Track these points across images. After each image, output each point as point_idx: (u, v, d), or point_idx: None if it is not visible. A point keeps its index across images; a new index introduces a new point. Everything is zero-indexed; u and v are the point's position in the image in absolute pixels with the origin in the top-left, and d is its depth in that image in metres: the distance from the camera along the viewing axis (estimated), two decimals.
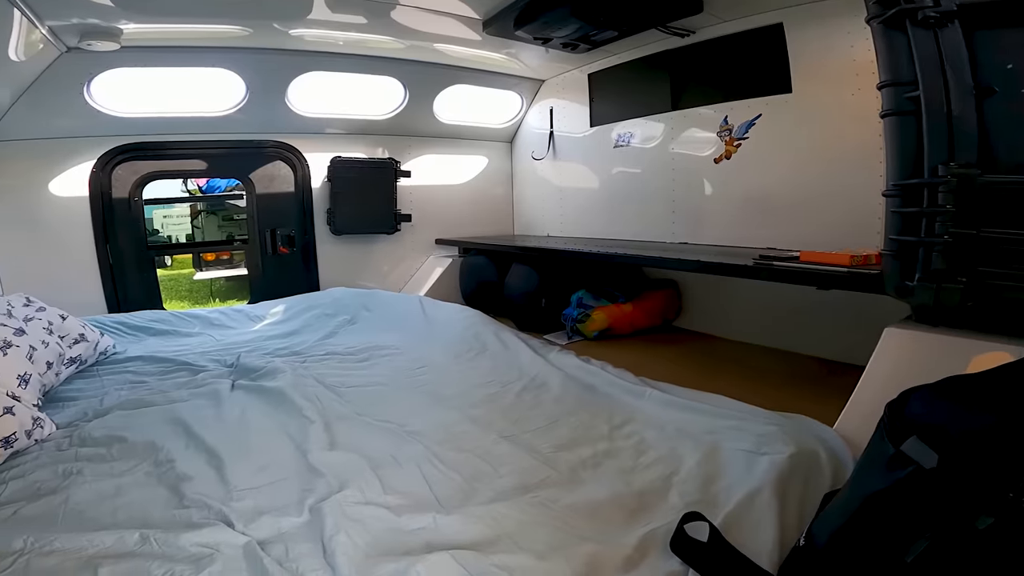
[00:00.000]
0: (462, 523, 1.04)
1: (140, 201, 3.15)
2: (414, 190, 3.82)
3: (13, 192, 2.84)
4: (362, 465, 1.27)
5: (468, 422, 1.54)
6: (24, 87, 2.64)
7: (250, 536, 0.99)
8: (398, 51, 3.17)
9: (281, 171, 3.49)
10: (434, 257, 3.88)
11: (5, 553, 0.93)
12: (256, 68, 3.08)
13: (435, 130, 3.87)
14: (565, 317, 2.83)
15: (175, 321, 2.76)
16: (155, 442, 1.36)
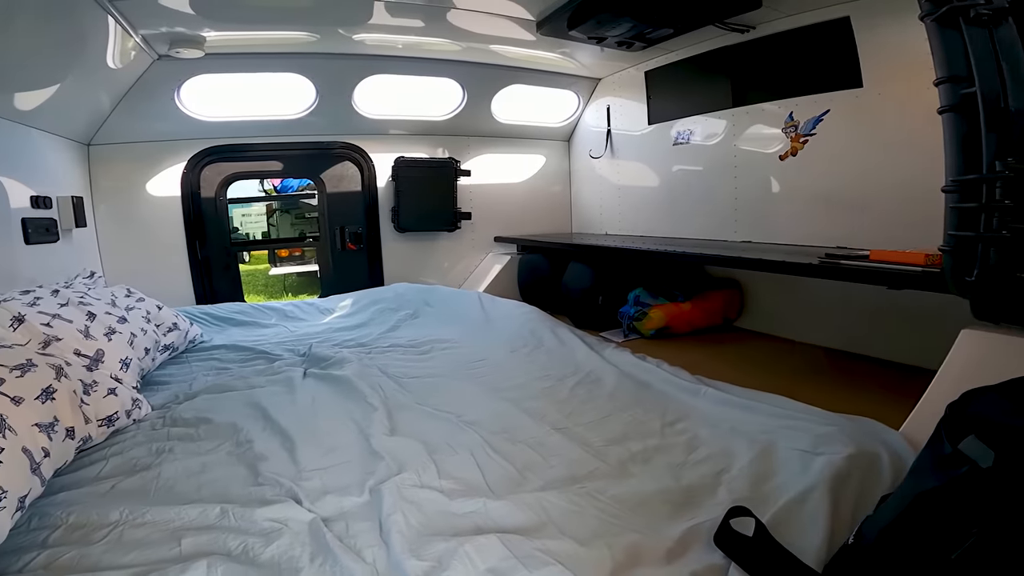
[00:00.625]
0: (510, 509, 1.08)
1: (225, 200, 3.41)
2: (473, 189, 3.91)
3: (116, 192, 3.14)
4: (420, 451, 1.33)
5: (522, 414, 1.58)
6: (122, 94, 2.91)
7: (315, 513, 1.06)
8: (455, 53, 3.27)
9: (349, 171, 3.67)
10: (493, 255, 3.96)
11: (102, 524, 1.02)
12: (324, 72, 3.26)
13: (493, 130, 3.95)
14: (622, 315, 2.82)
15: (254, 313, 2.96)
16: (236, 424, 1.48)
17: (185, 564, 0.89)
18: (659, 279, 2.96)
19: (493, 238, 4.01)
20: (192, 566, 0.88)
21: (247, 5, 2.46)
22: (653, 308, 2.73)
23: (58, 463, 1.15)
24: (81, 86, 2.57)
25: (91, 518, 1.03)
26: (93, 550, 0.94)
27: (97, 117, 2.95)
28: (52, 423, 1.12)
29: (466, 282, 3.93)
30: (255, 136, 3.45)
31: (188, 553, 0.94)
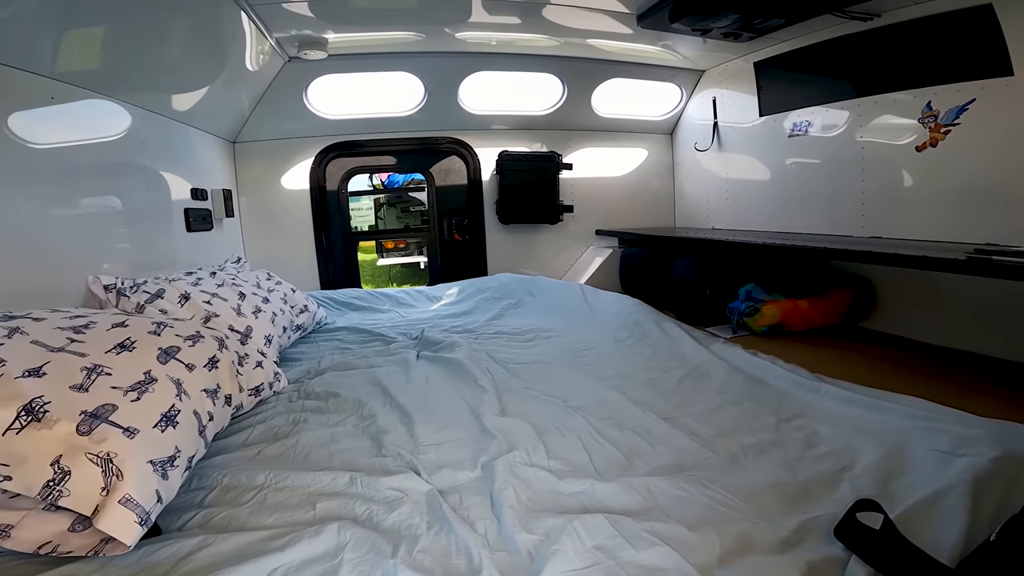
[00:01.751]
0: (617, 491, 1.10)
1: (346, 193, 3.68)
2: (575, 182, 3.91)
3: (255, 186, 3.50)
4: (529, 432, 1.38)
5: (628, 402, 1.58)
6: (259, 95, 3.23)
7: (432, 485, 1.13)
8: (554, 48, 3.30)
9: (456, 165, 3.81)
10: (594, 247, 3.95)
11: (250, 487, 1.12)
12: (431, 70, 3.43)
13: (594, 123, 3.93)
14: (731, 310, 2.70)
15: (370, 299, 3.18)
16: (360, 399, 1.61)
17: (319, 527, 0.95)
18: (773, 274, 2.79)
19: (594, 231, 4.00)
20: (324, 529, 0.94)
21: (360, 7, 2.64)
22: (767, 304, 2.59)
23: (218, 427, 1.29)
24: (226, 88, 2.89)
25: (241, 481, 1.14)
26: (241, 511, 1.03)
27: (240, 117, 3.30)
28: (216, 390, 1.29)
29: (567, 274, 3.95)
30: (372, 133, 3.69)
31: (321, 516, 1.01)
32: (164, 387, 1.08)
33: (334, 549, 0.90)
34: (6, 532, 0.83)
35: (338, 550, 0.90)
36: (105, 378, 1.00)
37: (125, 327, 1.22)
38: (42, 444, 0.83)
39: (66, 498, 0.82)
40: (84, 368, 0.99)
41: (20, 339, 1.02)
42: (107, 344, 1.11)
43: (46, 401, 0.87)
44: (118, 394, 0.98)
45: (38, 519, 0.85)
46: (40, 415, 0.85)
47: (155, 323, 1.31)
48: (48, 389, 0.90)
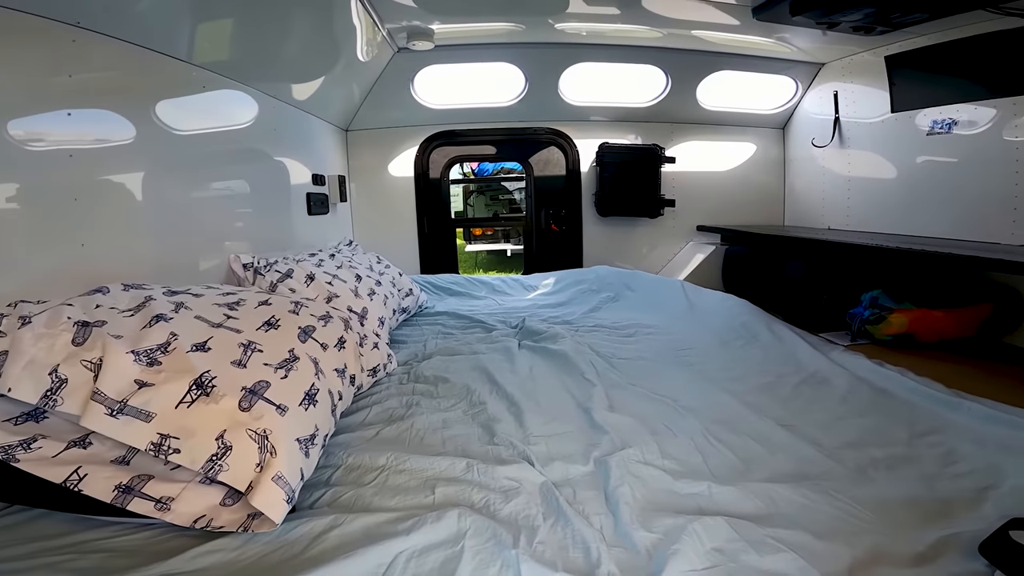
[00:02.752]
0: (736, 495, 1.07)
1: (447, 181, 3.78)
2: (676, 176, 3.80)
3: (365, 172, 3.69)
4: (641, 429, 1.36)
5: (741, 406, 1.53)
6: (370, 85, 3.37)
7: (546, 477, 1.14)
8: (656, 40, 3.21)
9: (554, 156, 3.80)
10: (694, 243, 3.81)
11: (372, 467, 1.15)
12: (532, 61, 3.44)
13: (698, 116, 3.80)
14: (852, 316, 2.50)
15: (467, 285, 3.26)
16: (469, 385, 1.65)
17: (440, 512, 0.96)
18: (903, 281, 2.55)
19: (695, 227, 3.86)
20: (445, 515, 0.95)
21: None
22: (895, 312, 2.37)
23: (344, 407, 1.36)
24: (341, 77, 3.05)
25: (364, 461, 1.18)
26: (365, 491, 1.07)
27: (352, 105, 3.47)
28: (343, 369, 1.37)
29: (663, 269, 3.85)
30: (473, 122, 3.77)
31: (440, 502, 1.03)
32: (305, 366, 1.16)
33: (455, 535, 0.92)
34: (166, 505, 0.88)
35: (459, 537, 0.92)
36: (258, 355, 1.08)
37: (269, 305, 1.32)
38: (209, 418, 0.90)
39: (224, 473, 0.88)
40: (241, 344, 1.09)
41: (185, 313, 1.14)
42: (257, 321, 1.21)
43: (213, 376, 0.95)
44: (269, 371, 1.06)
45: (195, 492, 0.90)
46: (208, 389, 0.93)
47: (293, 302, 1.41)
48: (214, 364, 0.99)
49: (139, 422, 0.86)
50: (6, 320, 0.94)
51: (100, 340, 0.93)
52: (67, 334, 0.94)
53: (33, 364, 0.87)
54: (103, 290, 1.17)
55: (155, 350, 0.97)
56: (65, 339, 0.93)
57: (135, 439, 0.85)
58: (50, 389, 0.86)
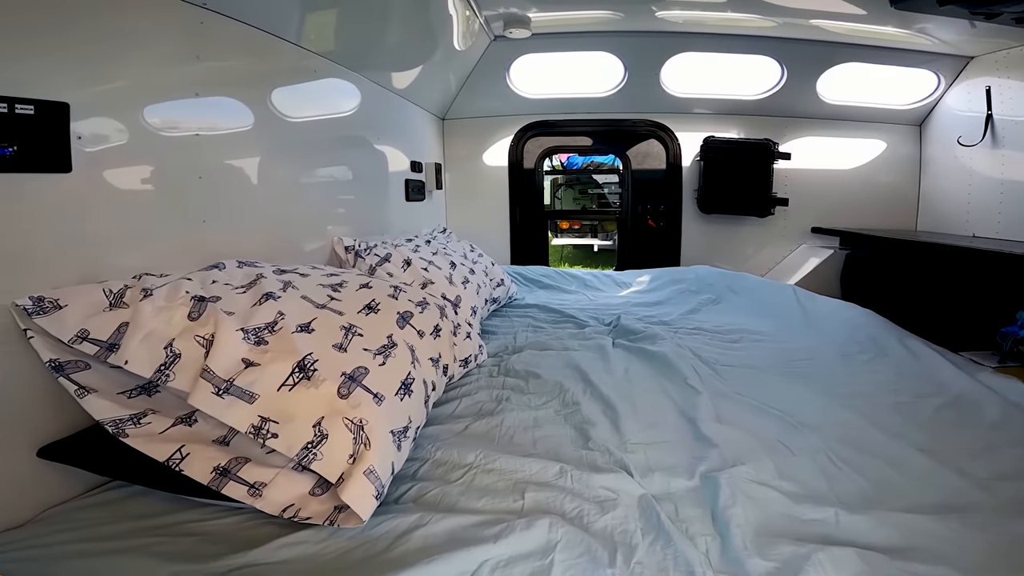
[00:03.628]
0: (868, 524, 0.94)
1: (542, 172, 3.72)
2: (790, 173, 3.49)
3: (460, 161, 3.71)
4: (754, 445, 1.23)
5: (872, 427, 1.36)
6: (467, 73, 3.37)
7: (645, 489, 1.05)
8: (770, 29, 2.95)
9: (654, 149, 3.63)
10: (807, 246, 3.50)
11: (460, 464, 1.10)
12: (632, 50, 3.30)
13: (818, 111, 3.47)
14: (1004, 336, 2.18)
15: (557, 278, 3.18)
16: (561, 383, 1.57)
17: (529, 520, 0.90)
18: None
19: (810, 228, 3.53)
20: (535, 523, 0.89)
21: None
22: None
23: (436, 397, 1.33)
24: (438, 66, 3.05)
25: (452, 456, 1.13)
26: (451, 489, 1.02)
27: (448, 94, 3.49)
28: (438, 359, 1.34)
29: (770, 272, 3.56)
30: (569, 113, 3.66)
31: (530, 508, 0.97)
32: (402, 353, 1.13)
33: (544, 547, 0.85)
34: (259, 491, 0.86)
35: (549, 549, 0.85)
36: (358, 339, 1.07)
37: (370, 288, 1.32)
38: (309, 404, 0.89)
39: (318, 462, 0.85)
40: (342, 327, 1.08)
41: (293, 293, 1.15)
42: (358, 304, 1.21)
43: (315, 359, 0.94)
44: (368, 357, 1.04)
45: (287, 479, 0.88)
46: (310, 373, 0.92)
47: (392, 286, 1.40)
48: (316, 346, 0.98)
49: (242, 403, 0.86)
50: (129, 292, 0.99)
51: (213, 316, 0.95)
52: (184, 308, 0.96)
53: (150, 337, 0.90)
54: (220, 266, 1.22)
55: (263, 329, 0.97)
56: (182, 313, 0.95)
57: (238, 420, 0.85)
58: (164, 363, 0.89)
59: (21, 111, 0.96)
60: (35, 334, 0.90)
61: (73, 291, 0.96)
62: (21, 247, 0.96)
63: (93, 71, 1.12)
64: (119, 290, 0.99)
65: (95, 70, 1.13)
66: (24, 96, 0.96)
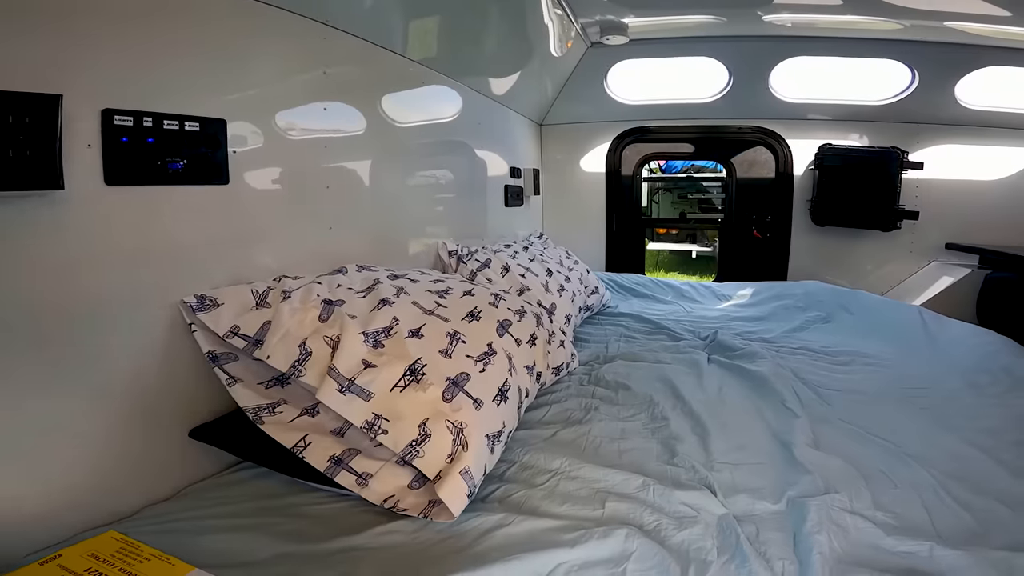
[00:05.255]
0: (965, 561, 0.90)
1: (639, 179, 3.68)
2: (922, 184, 3.19)
3: (557, 165, 3.77)
4: (852, 473, 1.19)
5: (991, 462, 1.27)
6: (563, 80, 3.40)
7: (727, 509, 1.05)
8: (898, 32, 2.74)
9: (762, 156, 3.48)
10: (939, 264, 3.18)
11: (545, 469, 1.15)
12: (737, 55, 3.18)
13: (956, 117, 3.14)
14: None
15: (652, 287, 3.15)
16: (651, 396, 1.58)
17: (607, 529, 0.93)
18: None
19: (943, 244, 3.21)
20: (613, 532, 0.92)
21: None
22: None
23: (528, 403, 1.39)
24: (535, 73, 3.11)
25: (539, 461, 1.18)
26: (535, 493, 1.07)
27: (546, 100, 3.54)
28: (532, 366, 1.41)
29: (892, 291, 3.27)
30: (670, 119, 3.60)
31: (609, 517, 1.00)
32: (500, 360, 1.21)
33: (619, 556, 0.89)
34: (365, 481, 0.97)
35: (623, 558, 0.88)
36: (462, 346, 1.16)
37: (472, 296, 1.41)
38: (417, 405, 0.99)
39: (419, 459, 0.95)
40: (448, 333, 1.17)
41: (404, 299, 1.26)
42: (462, 311, 1.30)
43: (424, 364, 1.05)
44: (470, 363, 1.13)
45: (390, 471, 0.98)
46: (419, 376, 1.02)
47: (492, 294, 1.49)
48: (425, 351, 1.08)
49: (360, 400, 0.98)
50: (272, 293, 1.15)
51: (339, 319, 1.08)
52: (315, 310, 1.10)
53: (288, 336, 1.04)
54: (343, 270, 1.36)
55: (380, 333, 1.09)
56: (314, 315, 1.09)
57: (355, 416, 0.97)
58: (298, 359, 1.02)
59: (190, 128, 1.12)
60: (198, 328, 1.07)
61: (228, 291, 1.13)
62: (186, 250, 1.14)
63: (241, 90, 1.28)
64: (264, 291, 1.15)
65: (243, 90, 1.28)
66: (190, 114, 1.12)
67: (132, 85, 1.02)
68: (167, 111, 1.08)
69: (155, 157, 1.05)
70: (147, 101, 1.04)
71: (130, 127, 1.00)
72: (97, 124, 0.96)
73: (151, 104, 1.05)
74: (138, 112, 1.02)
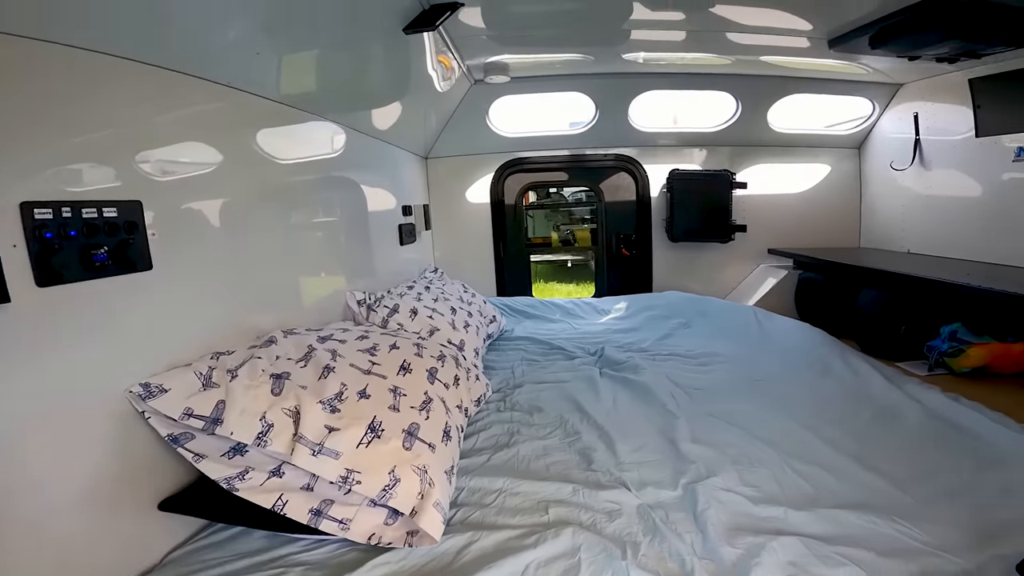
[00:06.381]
0: (808, 519, 1.24)
1: (523, 207, 3.99)
2: (747, 199, 3.85)
3: (444, 198, 3.95)
4: (723, 459, 1.52)
5: (816, 439, 1.66)
6: (448, 116, 3.61)
7: (641, 500, 1.32)
8: (726, 66, 3.30)
9: (624, 181, 3.95)
10: (765, 267, 3.85)
11: (491, 490, 1.35)
12: (601, 90, 3.61)
13: (770, 139, 3.85)
14: (930, 349, 2.52)
15: (542, 308, 3.46)
16: (562, 415, 1.83)
17: (557, 530, 1.17)
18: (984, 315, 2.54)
19: (766, 250, 3.89)
20: (562, 532, 1.15)
21: (537, 35, 2.81)
22: (974, 347, 2.38)
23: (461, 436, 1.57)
24: (421, 110, 3.25)
25: (483, 484, 1.38)
26: (489, 511, 1.26)
27: (430, 135, 3.72)
28: (461, 404, 1.59)
29: (733, 292, 3.91)
30: (547, 149, 3.97)
31: (555, 520, 1.23)
32: (437, 406, 1.38)
33: (571, 549, 1.12)
34: (346, 525, 1.10)
35: (575, 550, 1.12)
36: (404, 398, 1.32)
37: (398, 349, 1.56)
38: (383, 456, 1.14)
39: (394, 499, 1.10)
40: (390, 389, 1.32)
41: (342, 362, 1.38)
42: (394, 366, 1.45)
43: (380, 421, 1.19)
44: (416, 413, 1.29)
45: (366, 513, 1.12)
46: (380, 433, 1.17)
47: (414, 344, 1.64)
48: (377, 410, 1.22)
49: (331, 460, 1.10)
50: (215, 372, 1.21)
51: (292, 391, 1.19)
52: (266, 385, 1.19)
53: (246, 411, 1.13)
54: (273, 340, 1.44)
55: (334, 399, 1.21)
56: (265, 390, 1.18)
57: (328, 473, 1.09)
58: (261, 432, 1.11)
59: (108, 215, 1.09)
60: (151, 414, 1.11)
61: (171, 376, 1.17)
62: (122, 338, 1.14)
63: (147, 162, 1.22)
64: (206, 372, 1.20)
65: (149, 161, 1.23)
66: (106, 199, 1.09)
67: (46, 170, 1.00)
68: (82, 197, 1.06)
69: (81, 251, 1.04)
70: (61, 187, 1.02)
71: (50, 219, 0.98)
72: (18, 219, 0.94)
73: (66, 190, 1.03)
74: (55, 202, 1.00)
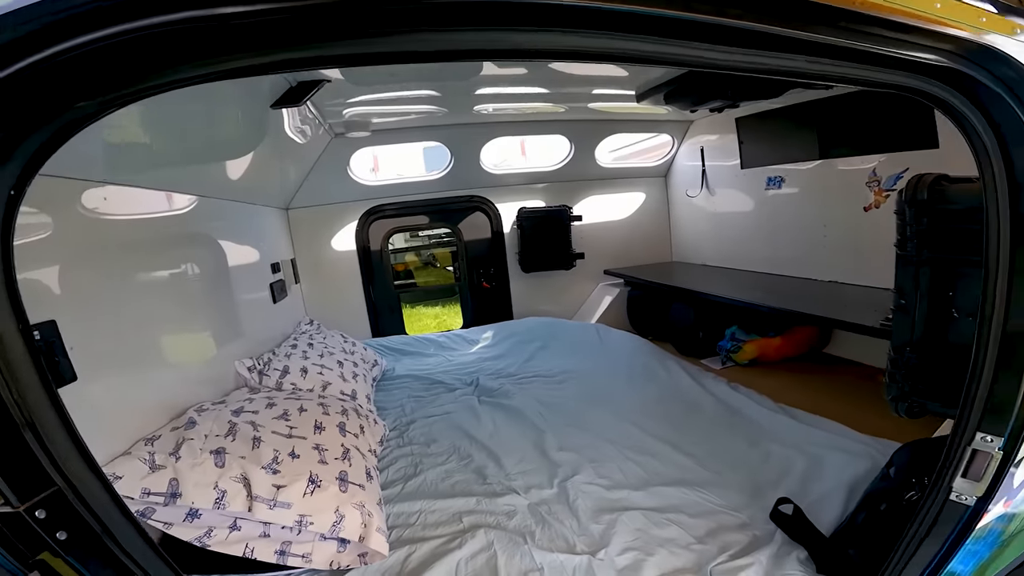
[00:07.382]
0: (644, 497, 1.76)
1: (388, 252, 4.23)
2: (584, 228, 4.49)
3: (309, 247, 4.00)
4: (582, 459, 2.00)
5: (644, 434, 2.21)
6: (310, 166, 3.74)
7: (529, 500, 1.75)
8: (561, 114, 3.90)
9: (480, 220, 4.38)
10: (603, 285, 4.51)
11: (412, 511, 1.70)
12: (456, 138, 4.01)
13: (597, 173, 4.54)
14: (720, 348, 3.28)
15: (416, 344, 3.76)
16: (454, 442, 2.20)
17: (472, 532, 1.55)
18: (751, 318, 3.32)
19: (603, 271, 4.54)
20: (478, 533, 1.55)
21: (393, 96, 3.07)
22: (747, 343, 3.19)
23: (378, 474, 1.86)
24: (278, 165, 3.31)
25: (404, 508, 1.72)
26: (416, 528, 1.61)
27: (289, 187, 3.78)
28: (370, 447, 1.86)
29: (580, 309, 4.53)
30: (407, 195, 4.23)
31: (470, 526, 1.61)
32: (355, 454, 1.67)
33: (487, 544, 1.51)
34: (308, 558, 1.38)
35: (490, 545, 1.51)
36: (327, 453, 1.59)
37: (306, 411, 1.80)
38: (326, 501, 1.41)
39: (343, 532, 1.39)
40: (313, 447, 1.58)
41: (265, 432, 1.60)
42: (309, 427, 1.70)
43: (316, 474, 1.45)
44: (340, 463, 1.56)
45: (321, 546, 1.41)
46: (319, 483, 1.43)
47: (319, 404, 1.89)
48: (310, 466, 1.48)
49: (285, 510, 1.35)
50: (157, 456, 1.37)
51: (235, 462, 1.40)
52: (209, 461, 1.39)
53: (200, 483, 1.32)
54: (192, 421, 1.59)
55: (272, 463, 1.45)
56: (210, 464, 1.38)
57: (286, 520, 1.35)
58: (218, 498, 1.31)
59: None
60: None
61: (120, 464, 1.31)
62: None
63: None
64: (148, 458, 1.36)
65: None
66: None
67: None
68: None
69: None
70: None
71: None
72: None
73: None
74: None
